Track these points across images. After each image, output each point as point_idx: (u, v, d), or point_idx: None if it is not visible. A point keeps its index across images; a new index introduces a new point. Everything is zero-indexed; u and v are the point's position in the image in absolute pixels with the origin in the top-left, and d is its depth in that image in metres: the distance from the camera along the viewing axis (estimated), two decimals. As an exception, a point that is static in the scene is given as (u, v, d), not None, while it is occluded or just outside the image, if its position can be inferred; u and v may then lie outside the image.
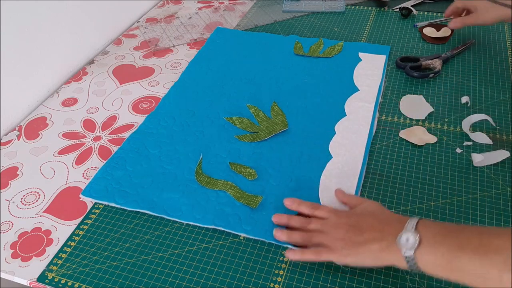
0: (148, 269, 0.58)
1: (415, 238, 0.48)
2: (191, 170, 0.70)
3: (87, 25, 0.98)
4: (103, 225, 0.63)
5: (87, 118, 0.82)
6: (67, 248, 0.61)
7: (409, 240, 0.48)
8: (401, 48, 0.96)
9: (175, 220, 0.63)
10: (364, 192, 0.66)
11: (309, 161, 0.70)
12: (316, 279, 0.56)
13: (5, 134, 0.81)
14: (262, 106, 0.81)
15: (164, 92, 0.87)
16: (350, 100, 0.82)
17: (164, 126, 0.78)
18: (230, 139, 0.75)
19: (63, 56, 0.93)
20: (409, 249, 0.48)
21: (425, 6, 1.11)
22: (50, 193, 0.69)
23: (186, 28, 1.09)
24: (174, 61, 0.97)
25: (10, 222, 0.65)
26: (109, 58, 0.99)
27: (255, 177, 0.68)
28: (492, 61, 0.91)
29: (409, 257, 0.48)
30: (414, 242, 0.48)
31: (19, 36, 0.81)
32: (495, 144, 0.72)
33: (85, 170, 0.72)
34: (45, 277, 0.57)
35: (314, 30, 1.04)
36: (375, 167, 0.70)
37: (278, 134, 0.75)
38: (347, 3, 1.14)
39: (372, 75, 0.87)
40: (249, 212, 0.63)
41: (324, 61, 0.93)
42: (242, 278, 0.56)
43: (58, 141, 0.78)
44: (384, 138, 0.74)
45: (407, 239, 0.48)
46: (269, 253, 0.59)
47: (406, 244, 0.48)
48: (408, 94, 0.83)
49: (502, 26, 1.01)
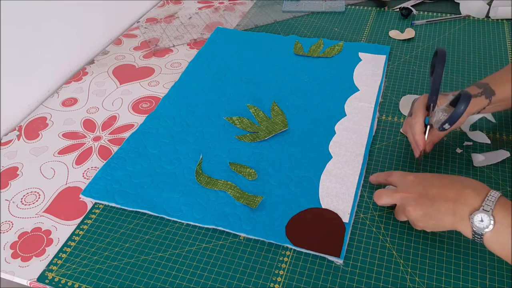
0: (148, 269, 0.58)
1: (489, 222, 0.49)
2: (191, 170, 0.70)
3: (87, 25, 0.98)
4: (103, 225, 0.63)
5: (87, 118, 0.82)
6: (67, 248, 0.61)
7: (483, 222, 0.49)
8: (401, 48, 0.96)
9: (175, 220, 0.63)
10: (364, 192, 0.66)
11: (309, 161, 0.70)
12: (316, 279, 0.56)
13: (5, 134, 0.81)
14: (262, 106, 0.81)
15: (164, 92, 0.87)
16: (350, 100, 0.82)
17: (164, 126, 0.78)
18: (230, 139, 0.75)
19: (63, 56, 0.93)
20: (481, 229, 0.49)
21: (425, 6, 1.11)
22: (50, 193, 0.69)
23: (186, 28, 1.09)
24: (174, 61, 0.97)
25: (10, 222, 0.65)
26: (109, 58, 0.99)
27: (255, 177, 0.68)
28: (492, 61, 0.91)
29: (478, 234, 0.49)
30: (487, 224, 0.49)
31: (19, 36, 0.81)
32: (495, 144, 0.72)
33: (85, 170, 0.72)
34: (45, 277, 0.57)
35: (314, 30, 1.04)
36: (375, 167, 0.69)
37: (278, 134, 0.75)
38: (347, 3, 1.14)
39: (372, 75, 0.87)
40: (249, 212, 0.63)
41: (324, 61, 0.93)
42: (242, 278, 0.56)
43: (58, 141, 0.78)
44: (384, 138, 0.74)
45: (482, 220, 0.49)
46: (269, 253, 0.59)
47: (479, 223, 0.49)
48: (408, 94, 0.83)
49: (502, 26, 1.01)
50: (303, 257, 0.58)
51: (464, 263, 0.56)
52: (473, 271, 0.56)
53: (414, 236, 0.60)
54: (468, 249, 0.58)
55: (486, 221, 0.49)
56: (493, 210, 0.49)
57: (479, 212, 0.49)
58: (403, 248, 0.59)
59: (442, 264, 0.56)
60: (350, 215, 0.62)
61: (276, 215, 0.62)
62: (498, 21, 1.04)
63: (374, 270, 0.56)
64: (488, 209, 0.49)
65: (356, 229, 0.61)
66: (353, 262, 0.57)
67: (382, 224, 0.62)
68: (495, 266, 0.56)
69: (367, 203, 0.64)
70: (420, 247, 0.58)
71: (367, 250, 0.59)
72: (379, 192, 0.60)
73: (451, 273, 0.55)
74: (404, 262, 0.57)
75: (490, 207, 0.49)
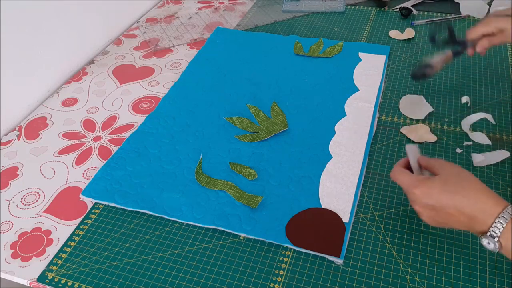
0: (148, 269, 0.58)
1: (495, 247, 0.49)
2: (191, 170, 0.70)
3: (87, 25, 0.98)
4: (103, 225, 0.63)
5: (87, 118, 0.82)
6: (67, 248, 0.61)
7: (490, 245, 0.49)
8: (401, 48, 0.96)
9: (175, 220, 0.63)
10: (364, 192, 0.66)
11: (309, 161, 0.70)
12: (316, 279, 0.56)
13: (5, 134, 0.81)
14: (262, 106, 0.81)
15: (164, 92, 0.87)
16: (350, 100, 0.82)
17: (164, 126, 0.78)
18: (230, 139, 0.75)
19: (63, 56, 0.93)
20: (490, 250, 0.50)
21: (425, 6, 1.11)
22: (50, 193, 0.69)
23: (186, 28, 1.09)
24: (174, 61, 0.97)
25: (10, 222, 0.65)
26: (109, 58, 0.99)
27: (255, 177, 0.68)
28: (492, 61, 0.91)
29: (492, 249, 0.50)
30: (494, 248, 0.49)
31: (19, 36, 0.81)
32: (495, 144, 0.72)
33: (85, 170, 0.72)
34: (45, 277, 0.57)
35: (314, 30, 1.04)
36: (375, 167, 0.70)
37: (278, 134, 0.75)
38: (347, 3, 1.14)
39: (372, 75, 0.87)
40: (249, 212, 0.63)
41: (324, 61, 0.93)
42: (242, 278, 0.56)
43: (58, 141, 0.78)
44: (384, 138, 0.74)
45: (489, 243, 0.49)
46: (269, 253, 0.59)
47: (487, 245, 0.50)
48: (408, 94, 0.83)
49: (502, 26, 1.01)
50: (303, 257, 0.58)
51: (464, 263, 0.56)
52: (473, 271, 0.56)
53: (414, 236, 0.60)
54: (468, 249, 0.58)
55: (492, 245, 0.49)
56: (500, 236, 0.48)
57: (485, 238, 0.49)
58: (403, 248, 0.59)
59: (442, 264, 0.56)
60: (350, 215, 0.62)
61: (276, 215, 0.62)
62: (498, 21, 1.04)
63: (374, 270, 0.56)
64: (495, 235, 0.49)
65: (356, 229, 0.61)
66: (353, 262, 0.57)
67: (382, 224, 0.62)
68: (495, 266, 0.56)
69: (367, 203, 0.64)
70: (420, 247, 0.58)
71: (367, 250, 0.59)
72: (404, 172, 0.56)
73: (451, 273, 0.55)
74: (404, 262, 0.57)
75: (496, 234, 0.49)
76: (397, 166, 0.58)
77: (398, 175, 0.56)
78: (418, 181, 0.53)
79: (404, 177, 0.55)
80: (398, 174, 0.56)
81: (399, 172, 0.56)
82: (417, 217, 0.62)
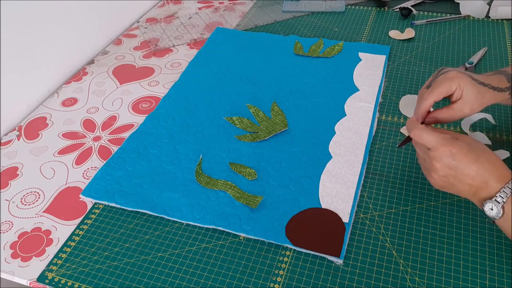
0: (148, 269, 0.58)
1: (498, 212, 0.52)
2: (191, 170, 0.70)
3: (87, 25, 0.98)
4: (103, 225, 0.63)
5: (87, 118, 0.82)
6: (67, 248, 0.61)
7: (493, 211, 0.52)
8: (401, 48, 0.96)
9: (175, 220, 0.63)
10: (364, 192, 0.66)
11: (309, 161, 0.70)
12: (316, 279, 0.56)
13: (5, 134, 0.81)
14: (262, 106, 0.81)
15: (164, 92, 0.87)
16: (350, 100, 0.82)
17: (164, 126, 0.78)
18: (230, 139, 0.75)
19: (63, 56, 0.93)
20: (491, 217, 0.53)
21: (425, 6, 1.11)
22: (50, 193, 0.69)
23: (186, 28, 1.09)
24: (174, 61, 0.97)
25: (10, 222, 0.65)
26: (109, 58, 0.99)
27: (255, 177, 0.68)
28: (492, 61, 0.91)
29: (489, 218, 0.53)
30: (496, 214, 0.52)
31: (19, 36, 0.81)
32: (495, 144, 0.72)
33: (85, 170, 0.72)
34: (45, 277, 0.57)
35: (314, 30, 1.04)
36: (375, 167, 0.70)
37: (278, 134, 0.75)
38: (347, 3, 1.14)
39: (372, 75, 0.87)
40: (249, 212, 0.63)
41: (324, 61, 0.93)
42: (242, 278, 0.56)
43: (58, 141, 0.78)
44: (384, 138, 0.74)
45: (492, 209, 0.52)
46: (269, 253, 0.59)
47: (489, 211, 0.52)
48: (408, 94, 0.83)
49: (502, 26, 1.01)
50: (303, 257, 0.58)
51: (464, 263, 0.56)
52: (473, 271, 0.56)
53: (414, 236, 0.60)
54: (468, 249, 0.58)
55: (495, 211, 0.52)
56: (505, 203, 0.51)
57: (490, 202, 0.52)
58: (403, 248, 0.59)
59: (442, 264, 0.56)
60: (350, 215, 0.62)
61: (276, 215, 0.62)
62: (498, 21, 1.04)
63: (374, 270, 0.56)
64: (500, 200, 0.51)
65: (356, 229, 0.61)
66: (353, 262, 0.57)
67: (382, 224, 0.62)
68: (495, 266, 0.56)
69: (367, 203, 0.64)
70: (420, 247, 0.59)
71: (367, 250, 0.59)
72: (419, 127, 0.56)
73: (451, 273, 0.55)
74: (404, 262, 0.57)
75: (502, 199, 0.51)
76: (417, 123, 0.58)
77: (423, 132, 0.55)
78: (447, 139, 0.54)
79: (432, 135, 0.55)
80: (423, 131, 0.55)
81: (424, 129, 0.56)
82: (417, 217, 0.62)
